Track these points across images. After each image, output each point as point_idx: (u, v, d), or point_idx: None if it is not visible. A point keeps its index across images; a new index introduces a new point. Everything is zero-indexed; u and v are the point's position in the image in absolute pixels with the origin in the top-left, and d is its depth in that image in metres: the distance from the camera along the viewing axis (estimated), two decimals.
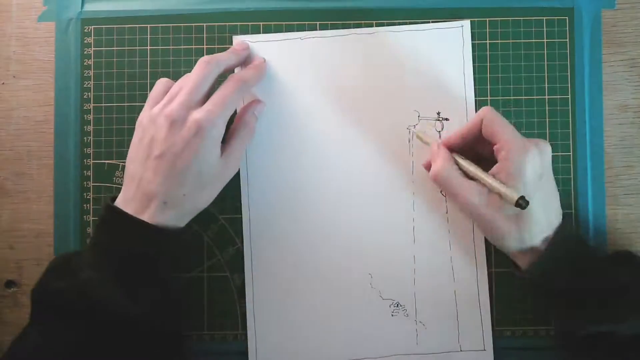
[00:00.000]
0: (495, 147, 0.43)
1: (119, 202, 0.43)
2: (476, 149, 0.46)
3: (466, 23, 0.49)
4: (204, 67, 0.43)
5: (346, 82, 0.49)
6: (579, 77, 0.49)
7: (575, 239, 0.44)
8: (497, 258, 0.48)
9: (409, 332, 0.48)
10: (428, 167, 0.46)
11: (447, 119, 0.49)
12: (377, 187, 0.48)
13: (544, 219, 0.42)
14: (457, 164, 0.44)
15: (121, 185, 0.49)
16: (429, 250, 0.48)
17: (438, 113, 0.49)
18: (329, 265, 0.48)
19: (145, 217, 0.42)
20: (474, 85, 0.49)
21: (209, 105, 0.42)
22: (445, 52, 0.49)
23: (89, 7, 0.50)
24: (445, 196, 0.48)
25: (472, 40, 0.49)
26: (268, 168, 0.49)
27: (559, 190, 0.45)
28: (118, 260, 0.41)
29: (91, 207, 0.49)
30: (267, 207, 0.49)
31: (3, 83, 0.50)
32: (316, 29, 0.49)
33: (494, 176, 0.42)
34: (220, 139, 0.43)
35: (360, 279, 0.48)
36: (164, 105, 0.43)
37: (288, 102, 0.49)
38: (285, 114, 0.49)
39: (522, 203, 0.40)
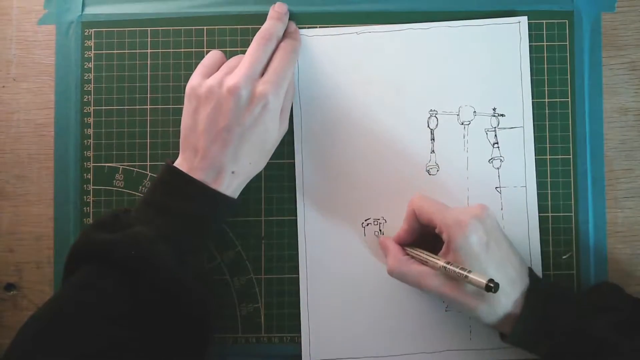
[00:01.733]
0: (436, 231, 0.43)
1: (180, 167, 0.43)
2: (429, 234, 0.45)
3: (523, 19, 0.49)
4: (264, 44, 0.44)
5: (401, 77, 0.49)
6: (578, 80, 0.49)
7: (546, 297, 0.42)
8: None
9: (463, 327, 0.48)
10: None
11: (503, 115, 0.49)
12: (435, 183, 0.48)
13: (507, 284, 0.41)
14: (410, 255, 0.45)
15: (121, 188, 0.49)
16: None
17: (494, 109, 0.49)
18: (383, 260, 0.48)
19: (215, 185, 0.43)
20: (531, 83, 0.49)
21: (271, 76, 0.43)
22: (501, 48, 0.49)
23: (89, 10, 0.50)
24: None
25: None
26: (322, 167, 0.49)
27: (515, 246, 0.44)
28: (173, 222, 0.41)
29: (91, 210, 0.49)
30: (321, 207, 0.49)
31: (3, 86, 0.50)
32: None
33: (446, 261, 0.41)
34: (280, 108, 0.45)
35: None
36: (223, 76, 0.43)
37: (342, 96, 0.49)
38: (340, 109, 0.49)
39: (492, 286, 0.38)
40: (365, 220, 0.49)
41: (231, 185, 0.44)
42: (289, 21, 0.49)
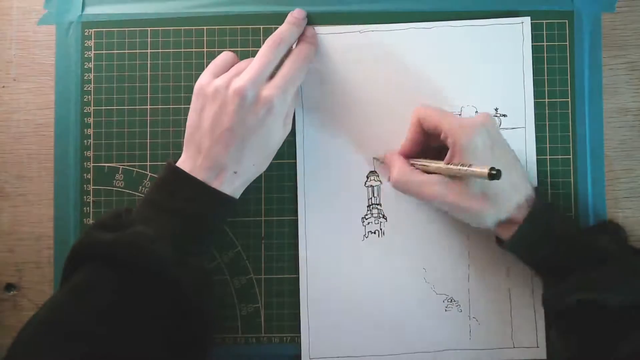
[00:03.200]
0: (441, 138, 0.43)
1: (182, 167, 0.43)
2: (435, 145, 0.45)
3: (526, 19, 0.49)
4: (274, 48, 0.44)
5: (403, 77, 0.49)
6: (578, 80, 0.49)
7: (550, 209, 0.43)
8: None
9: (462, 327, 0.48)
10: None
11: (505, 115, 0.49)
12: None
13: (510, 188, 0.42)
14: (414, 165, 0.45)
15: (122, 188, 0.49)
16: (483, 246, 0.48)
17: (496, 109, 0.49)
18: (383, 260, 0.48)
19: (215, 185, 0.43)
20: (534, 85, 0.49)
21: (278, 82, 0.43)
22: (504, 48, 0.49)
23: (89, 10, 0.50)
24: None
25: None
26: (323, 167, 0.49)
27: (525, 165, 0.46)
28: (174, 221, 0.42)
29: (91, 210, 0.49)
30: (321, 207, 0.49)
31: (3, 86, 0.50)
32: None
33: (450, 164, 0.42)
34: (286, 113, 0.45)
35: (413, 274, 0.48)
36: (231, 77, 0.43)
37: (344, 95, 0.49)
38: (341, 108, 0.49)
39: (495, 173, 0.38)
40: (366, 219, 0.49)
41: (232, 185, 0.44)
42: (308, 26, 0.49)
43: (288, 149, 0.49)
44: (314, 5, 0.50)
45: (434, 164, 0.43)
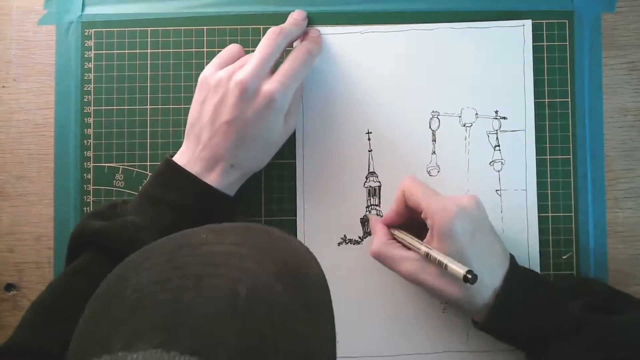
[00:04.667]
0: (422, 215, 0.43)
1: (180, 158, 0.44)
2: (418, 219, 0.44)
3: (528, 22, 0.49)
4: (275, 38, 0.44)
5: (404, 78, 0.49)
6: (578, 80, 0.49)
7: (522, 284, 0.42)
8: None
9: (460, 329, 0.48)
10: None
11: (505, 118, 0.49)
12: (435, 184, 0.48)
13: (487, 275, 0.41)
14: (395, 238, 0.45)
15: (121, 188, 0.49)
16: None
17: (496, 112, 0.49)
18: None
19: (211, 177, 0.43)
20: (533, 85, 0.49)
21: (280, 76, 0.43)
22: (505, 50, 0.49)
23: (89, 10, 0.50)
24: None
25: None
26: (323, 167, 0.49)
27: (501, 235, 0.45)
28: (165, 213, 0.42)
29: (91, 210, 0.49)
30: (321, 207, 0.49)
31: (3, 86, 0.50)
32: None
33: (429, 246, 0.41)
34: (287, 108, 0.44)
35: None
36: (234, 70, 0.43)
37: (344, 96, 0.49)
38: (341, 109, 0.49)
39: (470, 277, 0.38)
40: (364, 216, 0.49)
41: (229, 178, 0.44)
42: (313, 28, 0.49)
43: (288, 149, 0.49)
44: (314, 5, 0.50)
45: (414, 244, 0.43)
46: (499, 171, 0.49)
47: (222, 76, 0.43)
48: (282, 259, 0.30)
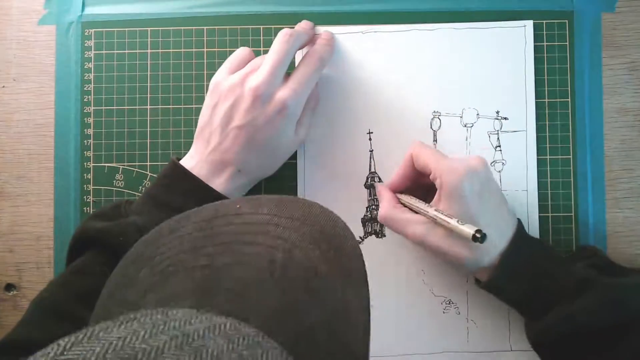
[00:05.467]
0: (430, 177, 0.43)
1: (188, 161, 0.44)
2: (424, 184, 0.45)
3: (529, 23, 0.49)
4: (287, 41, 0.44)
5: (405, 78, 0.49)
6: (578, 80, 0.49)
7: (528, 246, 0.43)
8: None
9: (460, 329, 0.48)
10: None
11: (506, 118, 0.49)
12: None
13: (495, 235, 0.41)
14: (402, 202, 0.45)
15: (121, 188, 0.49)
16: None
17: (497, 112, 0.49)
18: (382, 261, 0.48)
19: (218, 181, 0.43)
20: (535, 86, 0.49)
21: (293, 84, 0.43)
22: (506, 51, 0.49)
23: (89, 10, 0.50)
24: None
25: None
26: (324, 168, 0.49)
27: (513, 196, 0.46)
28: (167, 213, 0.41)
29: (91, 210, 0.49)
30: (322, 202, 0.48)
31: (3, 86, 0.50)
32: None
33: (436, 209, 0.41)
34: (299, 116, 0.44)
35: (413, 275, 0.48)
36: (247, 75, 0.43)
37: (345, 95, 0.49)
38: (343, 109, 0.49)
39: (479, 237, 0.38)
40: (365, 220, 0.49)
41: (235, 183, 0.44)
42: (325, 31, 0.48)
43: None
44: (315, 5, 0.50)
45: (421, 207, 0.43)
46: (500, 172, 0.49)
47: (235, 81, 0.43)
48: (319, 228, 0.30)
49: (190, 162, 0.44)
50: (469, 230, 0.39)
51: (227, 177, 0.43)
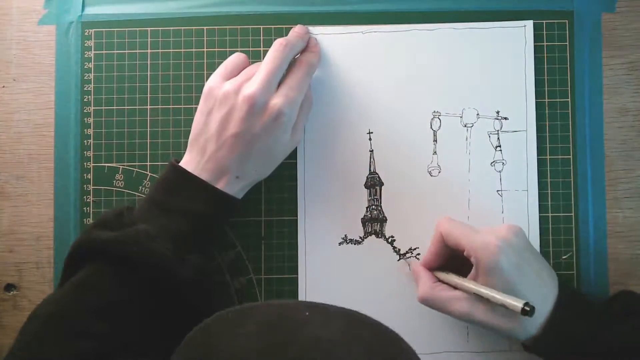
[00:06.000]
0: (464, 254, 0.42)
1: (185, 166, 0.44)
2: (458, 256, 0.44)
3: (529, 23, 0.49)
4: (282, 50, 0.44)
5: (405, 78, 0.49)
6: (578, 80, 0.49)
7: (572, 309, 0.42)
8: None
9: (460, 329, 0.48)
10: None
11: (506, 118, 0.49)
12: (436, 184, 0.49)
13: (538, 303, 0.40)
14: (440, 280, 0.45)
15: (121, 188, 0.49)
16: None
17: (497, 112, 0.49)
18: (383, 261, 0.48)
19: (217, 187, 0.43)
20: (535, 86, 0.49)
21: (286, 90, 0.43)
22: (506, 51, 0.49)
23: (89, 10, 0.50)
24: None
25: None
26: (324, 168, 0.49)
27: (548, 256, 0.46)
28: (175, 220, 0.42)
29: (91, 210, 0.49)
30: (321, 207, 0.49)
31: (3, 86, 0.50)
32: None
33: (477, 284, 0.41)
34: (294, 122, 0.45)
35: (413, 276, 0.48)
36: (241, 83, 0.43)
37: (345, 95, 0.49)
38: (342, 109, 0.49)
39: (528, 310, 0.38)
40: (365, 219, 0.49)
41: (233, 189, 0.44)
42: (310, 37, 0.49)
43: None
44: (315, 5, 0.50)
45: (462, 283, 0.42)
46: (500, 172, 0.49)
47: (230, 89, 0.43)
48: (389, 356, 0.30)
49: (187, 168, 0.44)
50: (517, 303, 0.38)
51: (226, 184, 0.43)
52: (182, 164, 0.44)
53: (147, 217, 0.42)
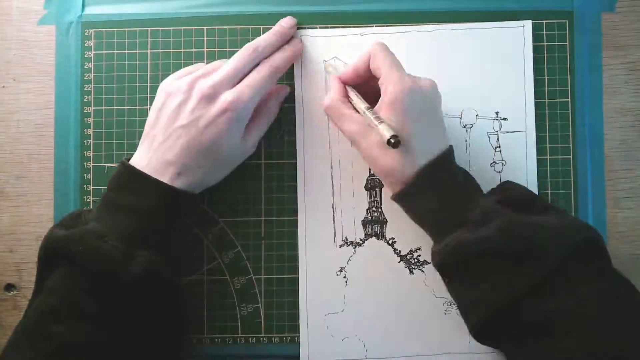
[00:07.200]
0: (379, 82, 0.43)
1: (136, 163, 0.43)
2: (375, 87, 0.44)
3: (528, 23, 0.49)
4: (248, 55, 0.44)
5: None
6: (578, 80, 0.49)
7: (449, 170, 0.42)
8: None
9: (461, 330, 0.47)
10: None
11: (505, 119, 0.49)
12: None
13: (421, 151, 0.41)
14: (349, 97, 0.45)
15: None
16: None
17: (497, 113, 0.49)
18: (383, 262, 0.48)
19: (164, 181, 0.42)
20: (534, 86, 0.49)
21: (240, 86, 0.43)
22: (505, 51, 0.49)
23: (89, 10, 0.50)
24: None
25: None
26: (323, 168, 0.49)
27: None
28: (123, 217, 0.42)
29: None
30: (321, 207, 0.49)
31: (3, 86, 0.50)
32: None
33: (373, 111, 0.42)
34: (246, 122, 0.44)
35: (414, 277, 0.48)
36: (197, 78, 0.43)
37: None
38: None
39: (393, 142, 0.39)
40: (366, 221, 0.49)
41: (180, 185, 0.43)
42: (295, 38, 0.49)
43: (288, 149, 0.49)
44: (315, 5, 0.50)
45: (361, 105, 0.43)
46: (499, 172, 0.49)
47: (182, 82, 0.43)
48: None
49: (139, 164, 0.43)
50: (386, 133, 0.39)
51: (169, 178, 0.42)
52: (132, 161, 0.44)
53: (99, 216, 0.42)
